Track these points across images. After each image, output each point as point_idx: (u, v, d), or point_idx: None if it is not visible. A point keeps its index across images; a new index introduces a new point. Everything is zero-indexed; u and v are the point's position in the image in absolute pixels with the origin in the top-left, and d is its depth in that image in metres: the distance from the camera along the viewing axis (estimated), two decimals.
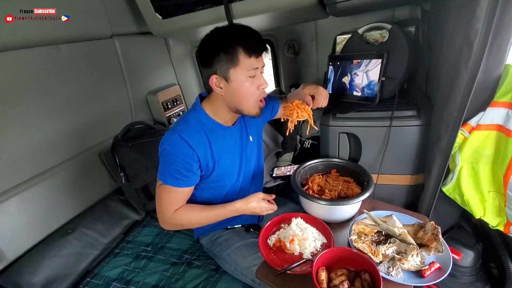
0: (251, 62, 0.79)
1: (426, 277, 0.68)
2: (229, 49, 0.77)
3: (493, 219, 0.84)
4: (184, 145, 0.81)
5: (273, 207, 0.94)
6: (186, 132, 0.82)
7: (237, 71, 0.79)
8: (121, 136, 1.38)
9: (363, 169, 0.97)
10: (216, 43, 0.79)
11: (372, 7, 1.10)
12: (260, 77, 0.84)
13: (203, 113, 0.88)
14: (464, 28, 0.71)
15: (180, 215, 0.88)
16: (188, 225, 0.93)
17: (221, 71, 0.79)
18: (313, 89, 0.94)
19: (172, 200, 0.87)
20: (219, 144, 0.89)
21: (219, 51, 0.78)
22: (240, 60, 0.78)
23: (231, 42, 0.77)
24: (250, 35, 0.80)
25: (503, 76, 0.75)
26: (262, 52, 0.82)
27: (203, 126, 0.86)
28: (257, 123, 1.07)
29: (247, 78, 0.81)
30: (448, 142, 0.82)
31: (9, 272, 1.03)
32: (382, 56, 0.99)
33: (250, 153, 1.02)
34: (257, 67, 0.81)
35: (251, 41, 0.78)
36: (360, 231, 0.81)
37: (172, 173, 0.83)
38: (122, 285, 1.08)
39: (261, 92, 0.85)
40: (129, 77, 1.52)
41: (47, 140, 1.18)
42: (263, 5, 1.14)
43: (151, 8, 1.32)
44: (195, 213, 0.90)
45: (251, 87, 0.82)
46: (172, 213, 0.88)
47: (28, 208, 1.11)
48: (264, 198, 0.93)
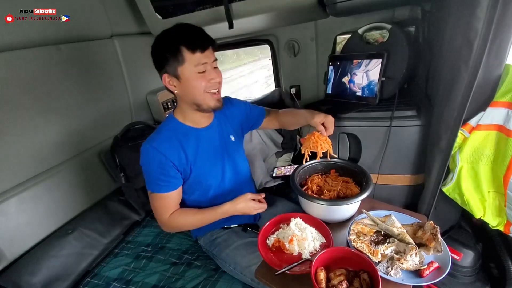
0: (197, 57, 0.81)
1: (425, 277, 0.68)
2: (172, 49, 0.80)
3: (493, 219, 0.84)
4: (156, 154, 0.86)
5: (263, 206, 0.95)
6: (157, 141, 0.87)
7: (185, 68, 0.81)
8: (121, 136, 1.39)
9: (362, 169, 0.97)
10: (160, 45, 0.83)
11: (372, 7, 1.10)
12: (211, 72, 0.85)
13: (174, 119, 0.93)
14: (464, 28, 0.71)
15: (175, 219, 0.94)
16: (184, 227, 0.99)
17: (170, 70, 0.83)
18: (323, 118, 0.90)
19: (162, 205, 0.93)
20: (193, 147, 0.92)
21: (164, 52, 0.81)
22: (185, 57, 0.80)
23: (174, 41, 0.80)
24: (192, 32, 0.82)
25: (503, 76, 0.75)
26: (208, 47, 0.83)
27: (175, 132, 0.90)
28: (238, 124, 1.08)
29: (196, 74, 0.82)
30: (448, 142, 0.82)
31: (9, 272, 1.03)
32: (382, 56, 1.00)
33: (234, 152, 1.03)
34: (205, 62, 0.82)
35: (193, 37, 0.80)
36: (359, 231, 0.81)
37: (153, 181, 0.89)
38: (122, 285, 1.08)
39: (213, 84, 0.86)
40: (129, 77, 1.52)
41: (46, 140, 1.18)
42: (263, 5, 1.14)
43: (151, 8, 1.33)
44: (188, 216, 0.95)
45: (202, 81, 0.83)
46: (168, 217, 0.94)
47: (28, 208, 1.11)
48: (253, 198, 0.95)
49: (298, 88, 1.88)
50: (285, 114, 1.13)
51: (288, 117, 1.12)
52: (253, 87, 5.72)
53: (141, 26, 1.50)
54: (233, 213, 0.95)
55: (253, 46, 1.98)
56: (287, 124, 1.15)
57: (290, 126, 1.17)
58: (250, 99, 1.97)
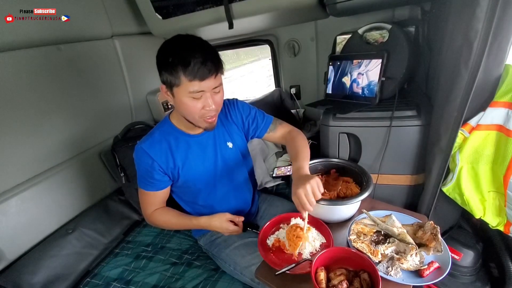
0: (194, 85, 0.74)
1: (425, 277, 0.68)
2: (170, 68, 0.74)
3: (493, 219, 0.84)
4: (144, 155, 0.87)
5: (237, 230, 0.95)
6: (147, 143, 0.88)
7: (179, 90, 0.77)
8: (122, 136, 1.38)
9: (363, 169, 0.97)
10: (162, 58, 0.76)
11: (372, 7, 1.10)
12: (207, 99, 0.78)
13: (168, 122, 0.93)
14: (464, 28, 0.71)
15: (156, 216, 0.98)
16: (163, 226, 1.01)
17: (167, 85, 0.79)
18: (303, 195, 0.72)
19: (147, 201, 0.97)
20: (182, 151, 0.92)
21: (163, 68, 0.76)
22: (181, 81, 0.74)
23: (173, 62, 0.73)
24: (194, 56, 0.72)
25: (503, 76, 0.75)
26: (209, 75, 0.74)
27: (166, 136, 0.90)
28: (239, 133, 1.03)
29: (189, 99, 0.77)
30: (448, 142, 0.82)
31: (9, 272, 1.03)
32: (382, 56, 1.00)
33: (229, 159, 1.00)
34: (202, 90, 0.75)
35: (193, 64, 0.71)
36: (359, 231, 0.81)
37: (141, 179, 0.93)
38: (122, 285, 1.08)
39: (207, 111, 0.80)
40: (129, 77, 1.52)
41: (47, 140, 1.18)
42: (263, 5, 1.14)
43: (151, 8, 1.33)
44: (168, 218, 0.98)
45: (194, 107, 0.79)
46: (151, 212, 0.98)
47: (28, 208, 1.11)
48: (230, 219, 0.94)
49: (298, 88, 1.88)
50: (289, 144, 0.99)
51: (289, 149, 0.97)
52: (253, 87, 5.72)
53: (141, 26, 1.50)
54: (207, 228, 0.96)
55: (253, 46, 1.98)
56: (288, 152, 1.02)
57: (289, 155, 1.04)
58: (250, 99, 1.97)
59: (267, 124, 1.04)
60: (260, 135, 1.06)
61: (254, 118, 1.03)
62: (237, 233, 0.96)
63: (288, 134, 1.03)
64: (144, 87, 1.66)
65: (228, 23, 1.21)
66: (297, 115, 1.89)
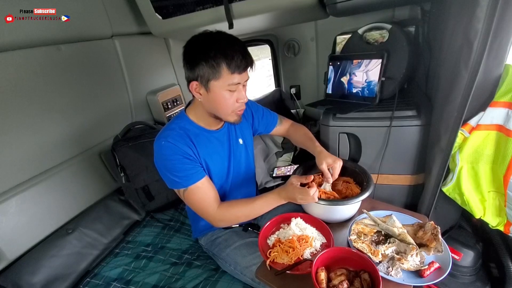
0: (234, 77, 0.78)
1: (425, 277, 0.68)
2: (212, 62, 0.76)
3: (493, 219, 0.84)
4: (174, 147, 0.83)
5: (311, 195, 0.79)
6: (171, 137, 0.84)
7: (218, 83, 0.79)
8: (122, 136, 1.38)
9: (363, 169, 0.97)
10: (200, 52, 0.77)
11: (372, 7, 1.11)
12: (241, 91, 0.83)
13: (186, 118, 0.91)
14: (464, 28, 0.72)
15: (225, 211, 0.89)
16: (236, 219, 0.92)
17: (202, 79, 0.79)
18: (331, 163, 0.89)
19: (202, 197, 0.87)
20: (204, 147, 0.90)
21: (203, 61, 0.76)
22: (222, 74, 0.77)
23: (216, 55, 0.75)
24: (236, 50, 0.77)
25: (503, 76, 0.75)
26: (246, 68, 0.80)
27: (186, 132, 0.88)
28: (249, 130, 1.08)
29: (226, 92, 0.80)
30: (448, 142, 0.82)
31: (9, 272, 1.03)
32: (382, 56, 1.00)
33: (239, 155, 1.03)
34: (239, 82, 0.80)
35: (236, 58, 0.76)
36: (360, 231, 0.81)
37: (180, 175, 0.83)
38: (122, 285, 1.08)
39: (240, 105, 0.85)
40: (129, 77, 1.52)
41: (47, 140, 1.18)
42: (263, 5, 1.14)
43: (151, 8, 1.33)
44: (239, 208, 0.89)
45: (230, 99, 0.82)
46: (215, 210, 0.88)
47: (28, 208, 1.11)
48: (299, 181, 0.83)
49: (298, 88, 1.88)
50: (296, 133, 1.12)
51: (298, 138, 1.10)
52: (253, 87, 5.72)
53: (141, 26, 1.50)
54: (282, 201, 0.86)
55: (253, 46, 1.98)
56: (295, 142, 1.14)
57: (296, 144, 1.16)
58: (250, 99, 1.97)
59: (275, 119, 1.14)
60: (268, 130, 1.15)
61: (263, 114, 1.11)
62: (310, 198, 0.79)
63: (291, 127, 1.16)
64: (144, 87, 1.66)
65: (228, 23, 1.21)
66: (297, 115, 1.89)
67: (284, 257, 0.77)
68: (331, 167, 0.90)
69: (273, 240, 0.83)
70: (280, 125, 1.15)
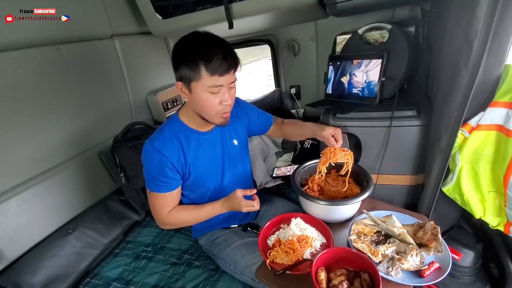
0: (214, 80, 0.77)
1: (425, 277, 0.68)
2: (191, 63, 0.76)
3: (493, 219, 0.84)
4: (157, 154, 0.85)
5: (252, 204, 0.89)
6: (158, 141, 0.86)
7: (198, 85, 0.78)
8: (121, 136, 1.38)
9: (363, 169, 0.97)
10: (182, 53, 0.78)
11: (372, 7, 1.10)
12: (224, 94, 0.81)
13: (178, 120, 0.92)
14: (464, 28, 0.71)
15: (173, 216, 0.95)
16: (182, 224, 1.00)
17: (184, 80, 0.80)
18: (332, 131, 0.95)
19: (161, 204, 0.94)
20: (193, 149, 0.91)
21: (183, 62, 0.77)
22: (202, 76, 0.76)
23: (195, 57, 0.75)
24: (216, 52, 0.75)
25: (503, 76, 0.75)
26: (229, 70, 0.78)
27: (176, 133, 0.89)
28: (244, 128, 1.07)
29: (208, 94, 0.79)
30: (448, 142, 0.82)
31: (9, 272, 1.03)
32: (382, 56, 0.99)
33: (234, 156, 1.02)
34: (220, 84, 0.78)
35: (215, 59, 0.74)
36: (360, 231, 0.81)
37: (153, 181, 0.89)
38: (122, 285, 1.08)
39: (223, 107, 0.83)
40: (129, 77, 1.52)
41: (47, 140, 1.18)
42: (263, 5, 1.14)
43: (151, 8, 1.33)
44: (186, 214, 0.96)
45: (213, 101, 0.81)
46: (166, 214, 0.94)
47: (28, 208, 1.11)
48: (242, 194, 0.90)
49: (298, 88, 1.88)
50: (290, 125, 1.14)
51: (293, 128, 1.13)
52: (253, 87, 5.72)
53: (141, 26, 1.50)
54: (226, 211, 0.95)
55: (253, 46, 1.98)
56: (291, 135, 1.15)
57: (293, 138, 1.17)
58: (250, 99, 1.97)
59: (271, 120, 1.16)
60: (265, 131, 1.16)
61: (259, 115, 1.12)
62: (254, 208, 0.89)
63: (284, 124, 1.17)
64: (144, 87, 1.66)
65: (228, 23, 1.21)
66: (297, 115, 1.89)
67: (284, 257, 0.76)
68: (333, 134, 0.94)
69: (273, 240, 0.83)
70: (275, 124, 1.16)
